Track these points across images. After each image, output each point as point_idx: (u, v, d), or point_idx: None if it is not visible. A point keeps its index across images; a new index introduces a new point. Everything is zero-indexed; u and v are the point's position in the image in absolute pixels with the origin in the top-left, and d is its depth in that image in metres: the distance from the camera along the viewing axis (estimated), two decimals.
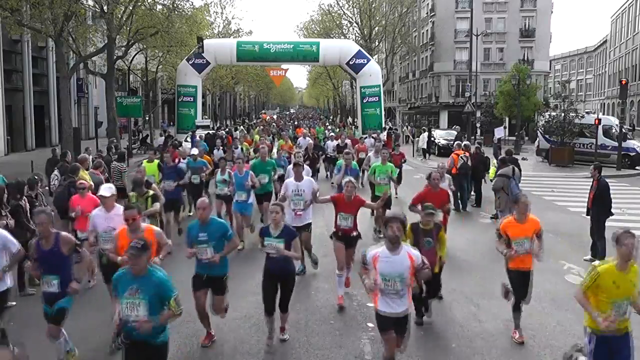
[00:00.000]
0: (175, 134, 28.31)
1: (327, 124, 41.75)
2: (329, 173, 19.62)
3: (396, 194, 14.89)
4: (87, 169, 10.67)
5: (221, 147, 17.15)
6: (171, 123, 42.21)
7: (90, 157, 12.57)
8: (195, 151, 13.24)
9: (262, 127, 34.86)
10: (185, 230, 9.30)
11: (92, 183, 9.86)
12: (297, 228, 7.74)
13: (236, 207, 10.59)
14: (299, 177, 8.58)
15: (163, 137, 24.99)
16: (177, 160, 14.31)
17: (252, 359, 6.10)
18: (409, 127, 39.90)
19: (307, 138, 20.70)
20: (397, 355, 6.16)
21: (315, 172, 15.22)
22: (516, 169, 11.86)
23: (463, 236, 11.42)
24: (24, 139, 29.86)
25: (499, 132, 27.46)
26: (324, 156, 19.85)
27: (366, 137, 20.36)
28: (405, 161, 16.68)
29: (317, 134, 26.07)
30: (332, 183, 17.31)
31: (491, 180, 12.57)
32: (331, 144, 19.41)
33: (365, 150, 17.50)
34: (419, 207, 7.63)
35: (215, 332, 6.61)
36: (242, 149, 17.19)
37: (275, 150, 19.91)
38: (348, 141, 19.09)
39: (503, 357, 6.16)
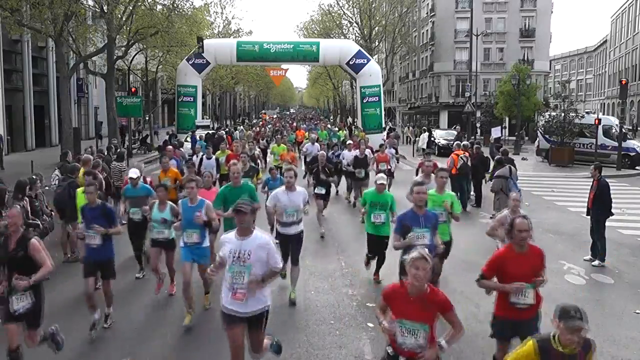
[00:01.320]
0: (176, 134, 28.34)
1: (329, 124, 40.14)
2: (338, 189, 16.26)
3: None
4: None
5: (201, 154, 13.83)
6: (172, 122, 42.23)
7: (92, 157, 12.55)
8: (134, 173, 8.90)
9: (257, 129, 31.66)
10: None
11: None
12: (239, 319, 4.90)
13: (184, 254, 6.95)
14: (243, 231, 4.83)
15: (167, 136, 25.09)
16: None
17: (252, 359, 6.09)
18: (411, 128, 39.56)
19: (316, 144, 17.15)
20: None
21: (327, 194, 12.33)
22: (513, 168, 11.86)
23: (463, 236, 11.40)
24: (24, 139, 29.86)
25: (496, 132, 27.39)
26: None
27: (386, 147, 16.17)
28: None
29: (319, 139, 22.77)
30: (347, 200, 15.33)
31: (490, 180, 12.56)
32: (348, 155, 14.86)
33: (387, 161, 14.69)
34: (494, 281, 4.97)
35: (216, 331, 6.61)
36: (216, 159, 13.54)
37: (271, 160, 17.03)
38: (368, 152, 14.80)
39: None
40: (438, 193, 7.57)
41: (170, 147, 13.97)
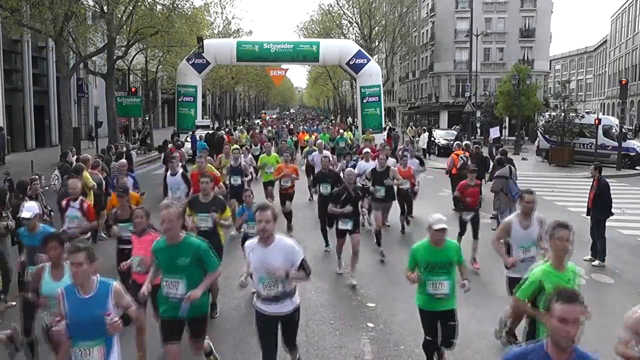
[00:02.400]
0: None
1: (331, 124, 36.93)
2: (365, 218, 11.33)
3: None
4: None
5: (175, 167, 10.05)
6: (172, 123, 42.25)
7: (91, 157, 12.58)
8: (28, 211, 6.03)
9: (253, 131, 27.38)
10: None
11: (94, 183, 9.97)
12: None
13: None
14: None
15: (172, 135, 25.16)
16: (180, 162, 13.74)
17: (252, 359, 6.10)
18: (414, 127, 39.16)
19: (326, 152, 12.74)
20: (396, 355, 6.18)
21: (356, 228, 8.63)
22: (513, 168, 11.86)
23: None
24: (24, 139, 29.86)
25: (495, 132, 27.35)
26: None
27: (408, 157, 12.32)
28: (479, 209, 9.74)
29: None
30: (362, 224, 10.47)
31: (490, 180, 12.55)
32: (365, 167, 11.49)
33: (411, 177, 11.52)
34: None
35: (216, 332, 6.62)
36: (183, 175, 9.78)
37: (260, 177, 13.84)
38: (392, 161, 11.52)
39: None
40: (557, 269, 4.48)
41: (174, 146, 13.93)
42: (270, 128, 35.05)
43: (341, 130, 24.59)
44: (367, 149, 12.93)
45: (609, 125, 26.17)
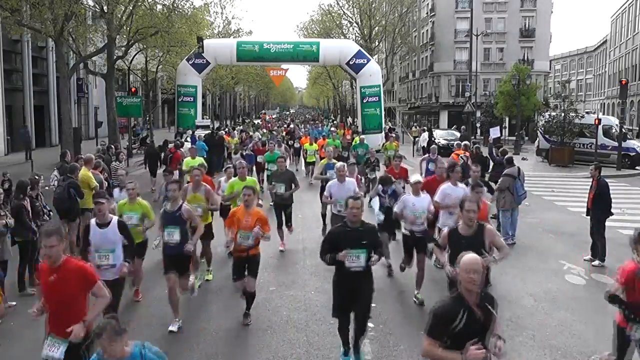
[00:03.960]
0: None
1: (334, 127, 31.59)
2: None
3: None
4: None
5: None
6: (171, 122, 42.28)
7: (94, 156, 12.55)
8: None
9: (245, 134, 23.79)
10: None
11: (96, 183, 9.96)
12: None
13: None
14: None
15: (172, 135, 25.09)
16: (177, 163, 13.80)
17: (252, 358, 6.10)
18: (417, 127, 38.80)
19: (349, 180, 8.89)
20: (396, 355, 6.18)
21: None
22: (521, 169, 11.85)
23: None
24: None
25: (495, 132, 27.28)
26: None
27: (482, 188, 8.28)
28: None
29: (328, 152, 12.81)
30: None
31: (491, 180, 12.54)
32: (417, 205, 7.54)
33: (485, 217, 6.92)
34: None
35: (216, 331, 6.62)
36: (120, 223, 5.93)
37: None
38: (461, 191, 7.57)
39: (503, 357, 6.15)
40: None
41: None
42: (265, 130, 29.63)
43: (361, 136, 19.29)
44: (417, 177, 7.92)
45: (609, 125, 26.16)
